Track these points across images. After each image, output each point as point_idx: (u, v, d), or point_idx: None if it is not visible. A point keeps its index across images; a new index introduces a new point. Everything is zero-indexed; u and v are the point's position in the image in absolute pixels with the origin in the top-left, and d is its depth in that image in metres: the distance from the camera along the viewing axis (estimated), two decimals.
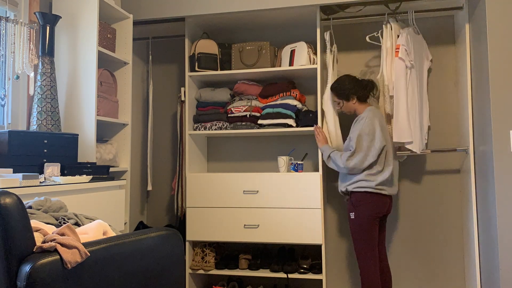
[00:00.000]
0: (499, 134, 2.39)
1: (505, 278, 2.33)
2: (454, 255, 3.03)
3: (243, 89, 3.16)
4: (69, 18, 2.53)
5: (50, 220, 1.48)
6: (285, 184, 2.85)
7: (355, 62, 3.24)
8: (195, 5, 2.97)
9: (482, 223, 2.64)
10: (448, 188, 3.06)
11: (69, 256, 1.16)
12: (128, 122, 2.82)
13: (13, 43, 2.21)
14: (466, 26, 2.79)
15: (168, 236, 1.51)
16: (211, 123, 3.11)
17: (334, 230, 3.21)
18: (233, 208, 2.93)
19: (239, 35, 3.43)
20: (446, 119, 3.07)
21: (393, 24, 2.86)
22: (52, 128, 2.30)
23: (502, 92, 2.41)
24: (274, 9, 2.88)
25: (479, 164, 2.67)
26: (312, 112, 2.96)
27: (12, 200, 1.16)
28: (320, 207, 2.80)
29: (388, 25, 2.86)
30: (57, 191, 1.87)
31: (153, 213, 3.55)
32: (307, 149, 3.25)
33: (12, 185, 1.69)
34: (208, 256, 3.04)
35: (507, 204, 2.36)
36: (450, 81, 3.09)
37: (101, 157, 2.60)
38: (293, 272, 2.88)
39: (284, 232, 2.84)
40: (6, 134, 1.97)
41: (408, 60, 2.74)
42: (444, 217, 3.05)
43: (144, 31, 3.39)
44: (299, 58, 2.96)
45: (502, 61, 2.42)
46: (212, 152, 3.45)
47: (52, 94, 2.32)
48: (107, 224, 1.48)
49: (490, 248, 2.48)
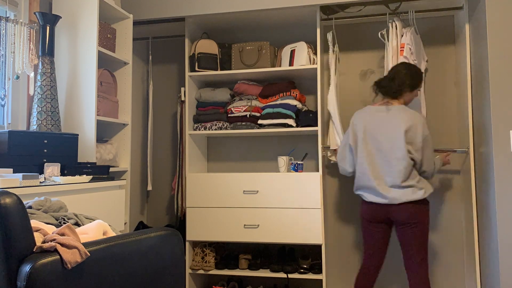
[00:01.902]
0: (499, 134, 2.39)
1: (505, 278, 2.33)
2: (454, 255, 3.03)
3: (243, 89, 3.16)
4: (69, 18, 2.53)
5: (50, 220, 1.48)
6: (285, 184, 2.85)
7: (355, 62, 3.24)
8: (195, 5, 2.97)
9: (482, 223, 2.63)
10: (448, 189, 3.06)
11: (69, 256, 1.16)
12: (128, 122, 2.82)
13: (13, 43, 2.21)
14: (466, 26, 2.79)
15: (168, 236, 1.51)
16: (211, 123, 3.11)
17: (334, 230, 3.21)
18: (233, 208, 2.93)
19: (239, 35, 3.43)
20: (446, 119, 3.07)
21: (398, 23, 2.86)
22: (52, 128, 2.30)
23: (502, 92, 2.41)
24: (274, 9, 2.88)
25: (479, 165, 2.67)
26: (312, 112, 2.96)
27: (12, 200, 1.16)
28: (320, 207, 2.80)
29: (394, 23, 2.86)
30: (57, 191, 1.87)
31: (153, 213, 3.55)
32: (307, 149, 3.25)
33: (12, 185, 1.69)
34: (208, 256, 3.04)
35: (507, 204, 2.36)
36: (450, 81, 3.09)
37: (101, 157, 2.60)
38: (293, 272, 2.88)
39: (284, 232, 2.84)
40: (6, 134, 1.97)
41: (411, 60, 2.74)
42: (444, 218, 3.05)
43: (144, 31, 3.39)
44: (299, 58, 2.96)
45: (502, 61, 2.42)
46: (212, 152, 3.45)
47: (52, 94, 2.32)
48: (107, 224, 1.48)
49: (490, 248, 2.48)
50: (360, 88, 3.21)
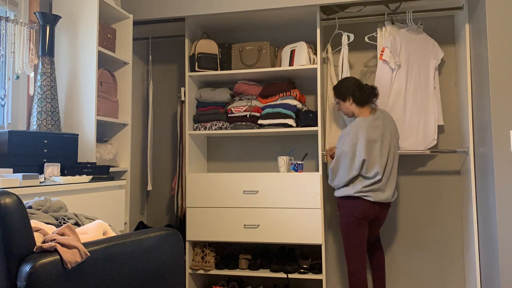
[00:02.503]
0: (499, 134, 2.39)
1: (505, 278, 2.33)
2: (454, 255, 3.03)
3: (243, 89, 3.16)
4: (69, 18, 2.53)
5: (50, 220, 1.48)
6: (285, 184, 2.85)
7: (355, 62, 3.24)
8: (195, 5, 2.97)
9: (482, 223, 2.63)
10: (448, 189, 3.06)
11: (69, 256, 1.16)
12: (128, 122, 2.82)
13: (13, 43, 2.21)
14: (466, 26, 2.79)
15: (168, 236, 1.51)
16: (211, 123, 3.11)
17: (334, 230, 3.21)
18: (233, 208, 2.93)
19: (239, 35, 3.43)
20: (446, 119, 3.07)
21: (389, 26, 2.92)
22: (52, 128, 2.30)
23: (502, 92, 2.41)
24: (274, 9, 2.88)
25: (479, 165, 2.67)
26: (312, 112, 2.96)
27: (12, 200, 1.16)
28: (320, 207, 2.80)
29: (383, 28, 2.93)
30: (57, 191, 1.87)
31: (153, 213, 3.55)
32: (307, 149, 3.25)
33: (12, 185, 1.69)
34: (208, 256, 3.04)
35: (507, 204, 2.36)
36: (450, 81, 3.09)
37: (101, 157, 2.60)
38: (293, 272, 2.88)
39: (284, 232, 2.84)
40: (6, 134, 1.97)
41: (393, 62, 2.84)
42: (444, 218, 3.05)
43: (144, 31, 3.39)
44: (299, 58, 2.96)
45: (502, 61, 2.42)
46: (212, 152, 3.45)
47: (52, 94, 2.32)
48: (107, 224, 1.48)
49: (490, 248, 2.48)
50: None
